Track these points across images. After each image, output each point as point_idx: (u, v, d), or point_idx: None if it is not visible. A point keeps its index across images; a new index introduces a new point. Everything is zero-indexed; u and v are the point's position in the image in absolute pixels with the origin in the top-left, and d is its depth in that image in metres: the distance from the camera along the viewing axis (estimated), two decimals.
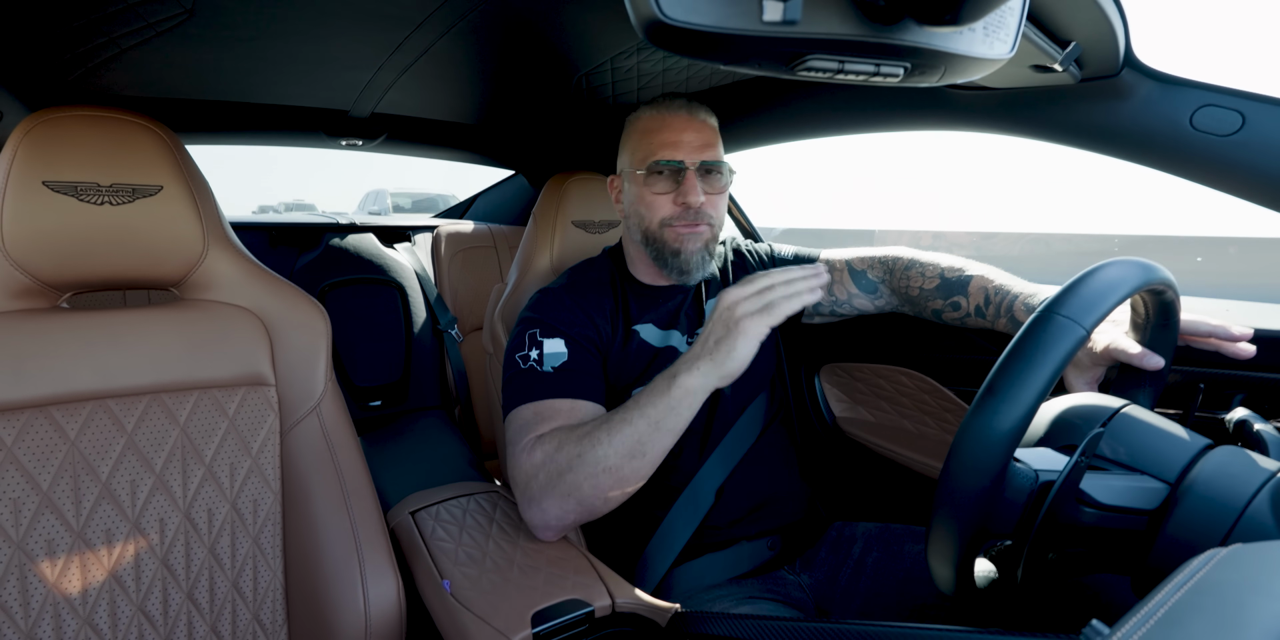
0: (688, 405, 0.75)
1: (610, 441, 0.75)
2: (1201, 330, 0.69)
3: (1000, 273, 0.91)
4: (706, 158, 0.91)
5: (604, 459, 0.75)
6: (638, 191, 0.94)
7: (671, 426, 0.75)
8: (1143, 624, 0.29)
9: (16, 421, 0.65)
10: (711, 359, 0.74)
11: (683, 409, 0.75)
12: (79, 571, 0.67)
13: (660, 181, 0.92)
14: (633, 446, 0.75)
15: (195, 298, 0.78)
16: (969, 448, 0.49)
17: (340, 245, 1.86)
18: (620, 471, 0.75)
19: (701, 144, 0.92)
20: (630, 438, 0.75)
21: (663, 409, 0.75)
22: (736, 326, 0.72)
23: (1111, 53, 0.71)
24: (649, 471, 0.78)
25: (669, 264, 0.94)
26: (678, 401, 0.74)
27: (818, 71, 0.37)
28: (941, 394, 1.15)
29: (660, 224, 0.93)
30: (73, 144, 0.68)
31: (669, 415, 0.75)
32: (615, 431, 0.76)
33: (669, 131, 0.91)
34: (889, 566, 0.94)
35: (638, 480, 0.77)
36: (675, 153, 0.90)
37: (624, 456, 0.75)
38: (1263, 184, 0.74)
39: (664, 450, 0.77)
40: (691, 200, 0.90)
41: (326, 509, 0.79)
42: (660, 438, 0.75)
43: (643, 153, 0.93)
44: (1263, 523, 0.46)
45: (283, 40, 0.95)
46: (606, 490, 0.76)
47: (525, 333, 0.91)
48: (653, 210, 0.93)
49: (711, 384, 0.74)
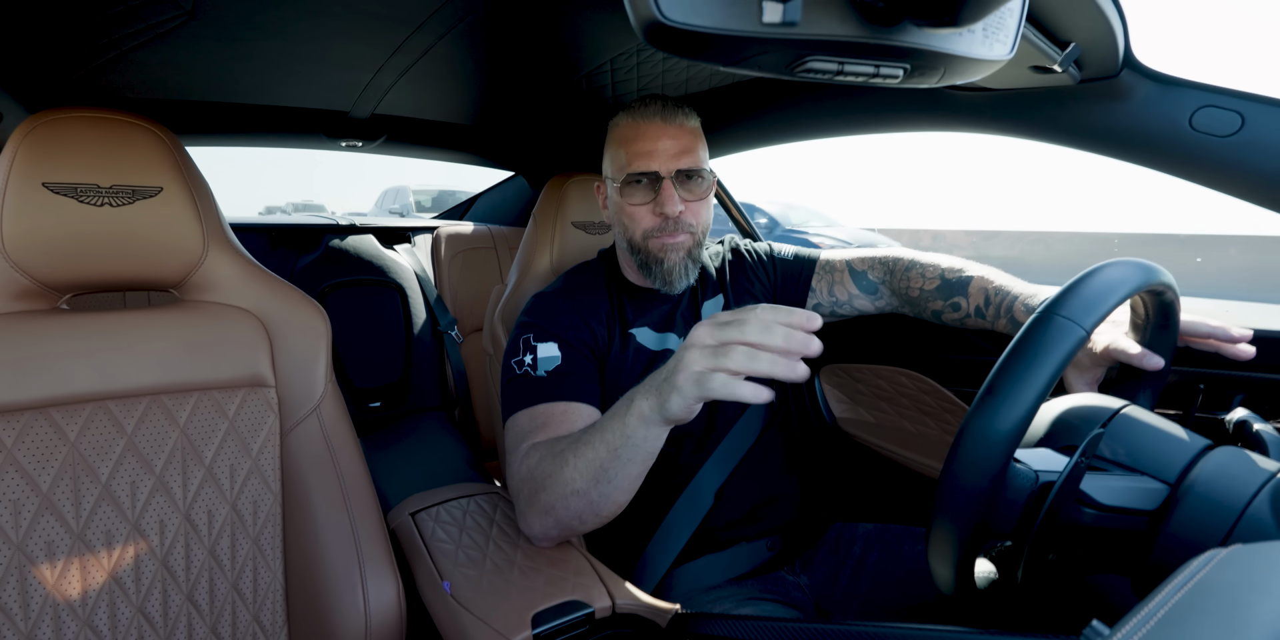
0: (643, 437, 0.65)
1: (575, 464, 0.70)
2: (1201, 331, 0.69)
3: (1000, 274, 0.91)
4: (684, 165, 0.89)
5: (572, 482, 0.71)
6: (619, 202, 0.93)
7: (631, 457, 0.67)
8: (1143, 624, 0.29)
9: (16, 423, 0.65)
10: (659, 393, 0.63)
11: (639, 441, 0.65)
12: (79, 573, 0.67)
13: (637, 192, 0.91)
14: (596, 472, 0.69)
15: (195, 299, 0.78)
16: (969, 449, 0.49)
17: (340, 246, 1.86)
18: (589, 496, 0.70)
19: (678, 151, 0.89)
20: (593, 462, 0.69)
21: (619, 437, 0.66)
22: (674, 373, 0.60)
23: (1111, 54, 0.71)
24: (621, 499, 0.72)
25: (653, 273, 0.93)
26: (633, 431, 0.65)
27: (817, 73, 0.37)
28: (941, 394, 1.15)
29: (643, 236, 0.92)
30: (73, 145, 0.68)
31: (625, 445, 0.66)
32: (580, 454, 0.70)
33: (644, 140, 0.90)
34: (889, 567, 0.94)
35: (610, 507, 0.72)
36: (650, 163, 0.89)
37: (589, 481, 0.70)
38: (1262, 184, 0.74)
39: (632, 479, 0.69)
40: (669, 210, 0.89)
41: (326, 510, 0.78)
42: (621, 466, 0.68)
43: (619, 163, 0.92)
44: (1263, 523, 0.46)
45: (283, 41, 0.95)
46: (580, 513, 0.73)
47: (520, 338, 0.91)
48: (634, 221, 0.92)
49: (657, 420, 0.63)
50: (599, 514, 0.73)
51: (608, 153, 0.97)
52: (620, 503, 0.72)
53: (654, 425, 0.65)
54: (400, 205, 10.20)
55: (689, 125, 0.93)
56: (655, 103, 0.92)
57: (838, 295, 1.04)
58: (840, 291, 1.04)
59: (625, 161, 0.91)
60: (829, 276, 1.05)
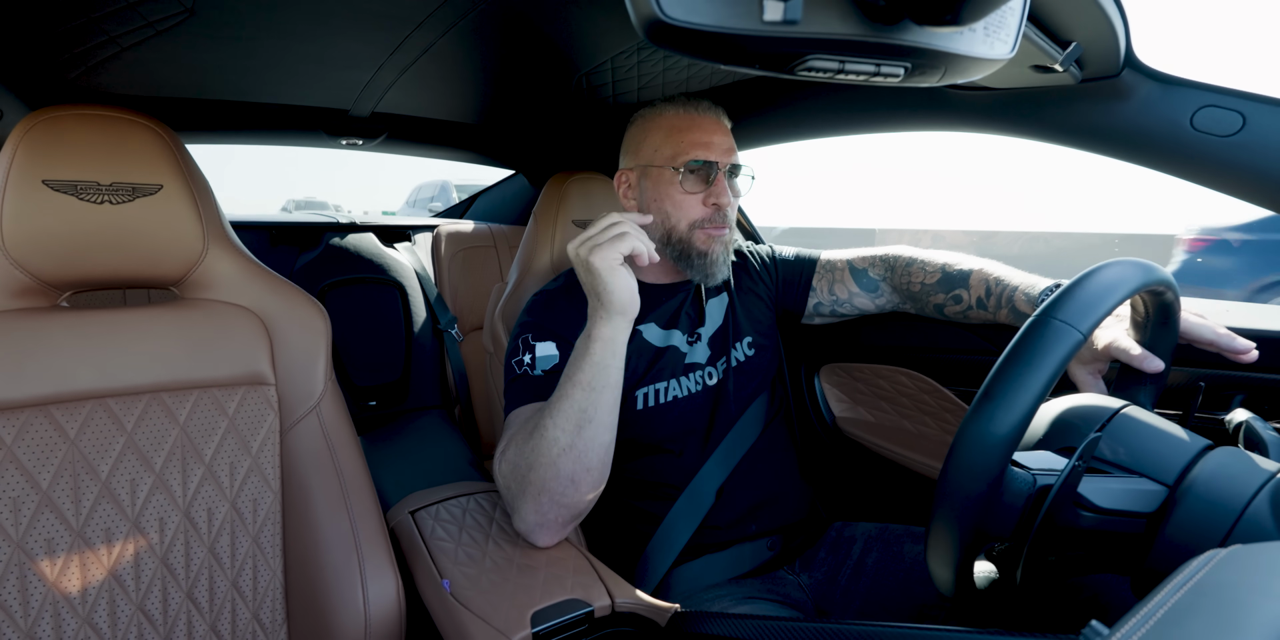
0: (612, 354, 0.77)
1: (555, 423, 0.75)
2: (1204, 337, 0.68)
3: (1000, 266, 0.92)
4: (736, 161, 0.92)
5: (556, 441, 0.75)
6: (665, 190, 0.92)
7: (605, 382, 0.76)
8: (1142, 625, 0.29)
9: (16, 420, 0.65)
10: (599, 302, 0.77)
11: (609, 360, 0.77)
12: (78, 571, 0.67)
13: (693, 180, 0.91)
14: (578, 417, 0.75)
15: (195, 297, 0.78)
16: (967, 452, 0.49)
17: (340, 244, 1.86)
18: (575, 448, 0.75)
19: (729, 147, 0.92)
20: (571, 409, 0.75)
21: (589, 369, 0.76)
22: (590, 267, 0.76)
23: (1112, 53, 0.71)
24: (606, 438, 0.77)
25: (694, 265, 0.93)
26: (600, 355, 0.76)
27: (818, 72, 0.37)
28: (941, 394, 1.15)
29: (690, 226, 0.92)
30: (72, 143, 0.68)
31: (598, 372, 0.76)
32: (556, 411, 0.76)
33: (700, 131, 0.91)
34: (889, 567, 0.94)
35: (598, 452, 0.77)
36: (709, 153, 0.90)
37: (573, 431, 0.75)
38: (1263, 185, 0.74)
39: (610, 409, 0.77)
40: (723, 201, 0.90)
41: (326, 508, 0.79)
42: (599, 397, 0.76)
43: (672, 150, 0.91)
44: (1262, 524, 0.46)
45: (283, 39, 0.95)
46: (571, 474, 0.75)
47: (519, 337, 0.92)
48: (682, 210, 0.91)
49: (621, 326, 0.77)
50: (589, 467, 0.76)
51: (647, 140, 0.95)
52: (605, 445, 0.78)
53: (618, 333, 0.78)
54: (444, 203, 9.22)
55: (729, 127, 0.96)
56: (705, 100, 0.95)
57: (839, 294, 1.04)
58: (841, 290, 1.04)
59: (681, 149, 0.91)
60: (829, 276, 1.05)
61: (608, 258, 0.75)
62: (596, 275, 0.75)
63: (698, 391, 0.97)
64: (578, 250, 0.77)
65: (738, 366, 1.00)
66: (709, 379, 0.98)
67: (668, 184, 0.92)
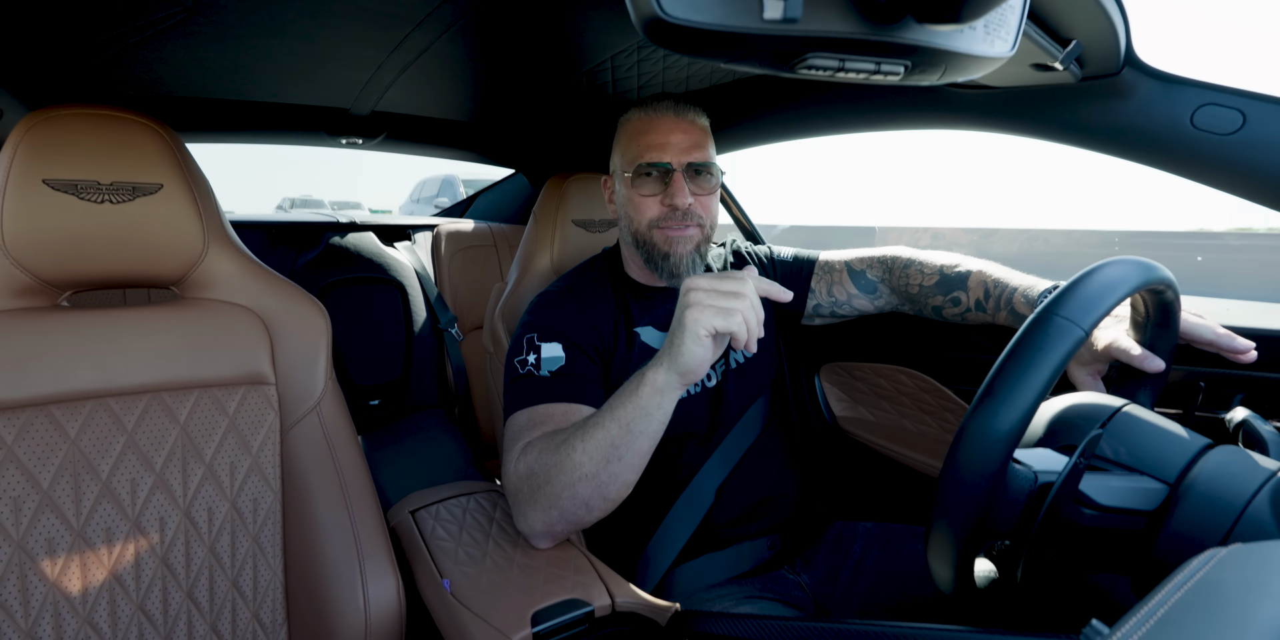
0: (656, 405, 0.70)
1: (584, 448, 0.72)
2: (1205, 337, 0.68)
3: (998, 267, 0.91)
4: (694, 159, 0.90)
5: (580, 466, 0.72)
6: (628, 194, 0.94)
7: (644, 429, 0.71)
8: (1143, 624, 0.29)
9: (17, 420, 0.65)
10: (669, 351, 0.69)
11: (652, 409, 0.70)
12: (79, 570, 0.67)
13: (648, 183, 0.91)
14: (607, 451, 0.71)
15: (195, 296, 0.78)
16: (967, 450, 0.49)
17: (340, 244, 1.86)
18: (598, 478, 0.72)
19: (690, 145, 0.91)
20: (604, 442, 0.71)
21: (632, 410, 0.70)
22: (682, 321, 0.68)
23: (1112, 51, 0.71)
24: (630, 478, 0.74)
25: (659, 267, 0.93)
26: (646, 400, 0.70)
27: (818, 70, 0.37)
28: (941, 393, 1.15)
29: (649, 225, 0.92)
30: (72, 142, 0.68)
31: (639, 417, 0.70)
32: (589, 437, 0.72)
33: (656, 133, 0.91)
34: (889, 566, 0.94)
35: (619, 487, 0.73)
36: (662, 155, 0.90)
37: (599, 462, 0.71)
38: (1263, 183, 0.74)
39: (642, 454, 0.73)
40: (678, 202, 0.89)
41: (326, 508, 0.79)
42: (634, 440, 0.71)
43: (631, 155, 0.93)
44: (1263, 522, 0.46)
45: (282, 38, 0.95)
46: (586, 499, 0.73)
47: (524, 337, 0.91)
48: (640, 212, 0.92)
49: (674, 382, 0.70)
50: (606, 497, 0.73)
51: (617, 147, 0.97)
52: (628, 483, 0.74)
53: (669, 389, 0.70)
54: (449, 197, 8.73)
55: (699, 122, 0.94)
56: (667, 100, 0.94)
57: (837, 295, 1.04)
58: (839, 291, 1.04)
59: (637, 153, 0.92)
60: (828, 277, 1.05)
61: (702, 324, 0.66)
62: (683, 330, 0.67)
63: (697, 394, 0.97)
64: (689, 296, 0.68)
65: (737, 368, 1.00)
66: (708, 381, 0.98)
67: (628, 188, 0.93)
